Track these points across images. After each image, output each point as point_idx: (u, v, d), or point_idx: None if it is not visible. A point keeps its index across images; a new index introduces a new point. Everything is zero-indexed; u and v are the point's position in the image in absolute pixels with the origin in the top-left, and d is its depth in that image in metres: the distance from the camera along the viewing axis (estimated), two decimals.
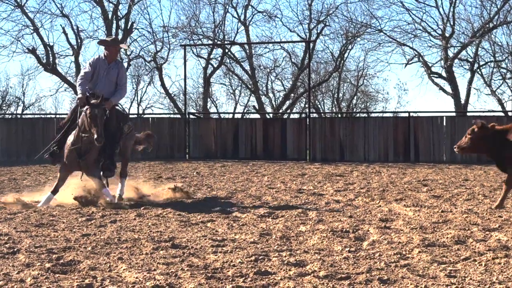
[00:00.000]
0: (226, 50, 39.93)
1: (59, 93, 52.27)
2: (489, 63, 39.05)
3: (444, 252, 8.03)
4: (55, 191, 12.66)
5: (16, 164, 24.25)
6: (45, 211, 11.48)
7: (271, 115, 41.04)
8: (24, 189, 15.23)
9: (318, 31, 39.07)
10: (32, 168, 22.12)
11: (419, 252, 7.98)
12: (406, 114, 27.50)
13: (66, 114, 13.27)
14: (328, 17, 38.58)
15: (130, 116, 39.03)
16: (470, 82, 38.60)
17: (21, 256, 7.69)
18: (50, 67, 35.77)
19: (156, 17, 49.86)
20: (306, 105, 37.53)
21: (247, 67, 41.31)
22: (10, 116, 41.44)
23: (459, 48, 37.10)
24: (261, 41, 40.30)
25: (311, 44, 37.27)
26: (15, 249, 8.10)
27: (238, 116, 42.82)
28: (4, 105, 48.73)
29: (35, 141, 26.51)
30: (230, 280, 6.67)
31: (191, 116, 30.18)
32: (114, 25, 36.38)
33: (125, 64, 39.23)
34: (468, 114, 32.20)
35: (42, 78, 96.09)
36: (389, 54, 40.79)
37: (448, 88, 38.08)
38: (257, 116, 40.16)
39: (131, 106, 50.27)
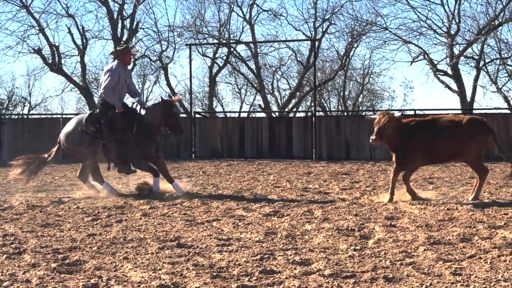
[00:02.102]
0: (232, 49, 39.97)
1: (65, 93, 52.48)
2: (494, 61, 39.07)
3: (450, 250, 8.02)
4: (157, 175, 14.22)
5: None
6: (51, 211, 11.52)
7: (277, 113, 41.05)
8: (30, 190, 15.26)
9: (324, 30, 39.15)
10: None
11: (425, 250, 7.97)
12: (412, 112, 27.46)
13: (73, 114, 14.29)
14: (334, 16, 38.67)
15: None
16: (476, 79, 38.59)
17: (27, 256, 7.71)
18: (55, 67, 35.83)
19: (162, 16, 50.26)
20: (312, 104, 37.52)
21: (253, 66, 41.36)
22: (16, 117, 41.51)
23: (464, 45, 37.07)
24: (267, 40, 40.34)
25: (317, 43, 37.31)
26: (21, 249, 8.12)
27: (244, 115, 42.85)
28: (11, 105, 48.86)
29: (41, 141, 26.52)
30: (236, 279, 6.67)
31: (197, 115, 30.18)
32: (120, 25, 36.42)
33: (131, 64, 39.28)
34: (474, 111, 32.12)
35: (48, 78, 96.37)
36: (394, 52, 40.90)
37: (454, 85, 38.06)
38: (263, 115, 40.17)
39: (137, 105, 50.25)
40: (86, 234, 9.27)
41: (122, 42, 36.22)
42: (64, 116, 28.76)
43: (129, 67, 14.94)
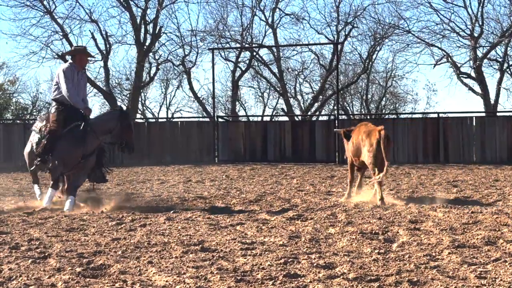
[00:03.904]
0: (254, 53, 39.97)
1: (89, 98, 52.53)
2: None
3: (474, 253, 7.99)
4: (56, 187, 13.02)
5: None
6: (75, 216, 11.57)
7: (299, 117, 41.02)
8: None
9: (346, 33, 39.01)
10: None
11: (449, 253, 7.94)
12: (436, 115, 27.36)
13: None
14: (356, 19, 38.51)
15: (159, 120, 39.13)
16: (500, 82, 38.32)
17: (52, 261, 7.75)
18: None
19: (184, 21, 50.13)
20: (335, 107, 37.44)
21: (275, 70, 41.32)
22: None
23: (488, 48, 36.84)
24: (289, 44, 40.26)
25: (339, 46, 37.19)
26: (46, 254, 8.17)
27: (266, 119, 42.86)
28: (35, 110, 49.13)
29: None
30: (260, 283, 6.68)
31: (220, 120, 30.22)
32: (143, 30, 36.54)
33: (154, 69, 39.36)
34: (498, 114, 31.94)
35: None
36: (417, 55, 40.72)
37: (477, 88, 37.83)
38: (285, 118, 40.12)
39: (160, 110, 50.49)
40: (111, 238, 9.31)
41: (145, 47, 36.36)
42: None
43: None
